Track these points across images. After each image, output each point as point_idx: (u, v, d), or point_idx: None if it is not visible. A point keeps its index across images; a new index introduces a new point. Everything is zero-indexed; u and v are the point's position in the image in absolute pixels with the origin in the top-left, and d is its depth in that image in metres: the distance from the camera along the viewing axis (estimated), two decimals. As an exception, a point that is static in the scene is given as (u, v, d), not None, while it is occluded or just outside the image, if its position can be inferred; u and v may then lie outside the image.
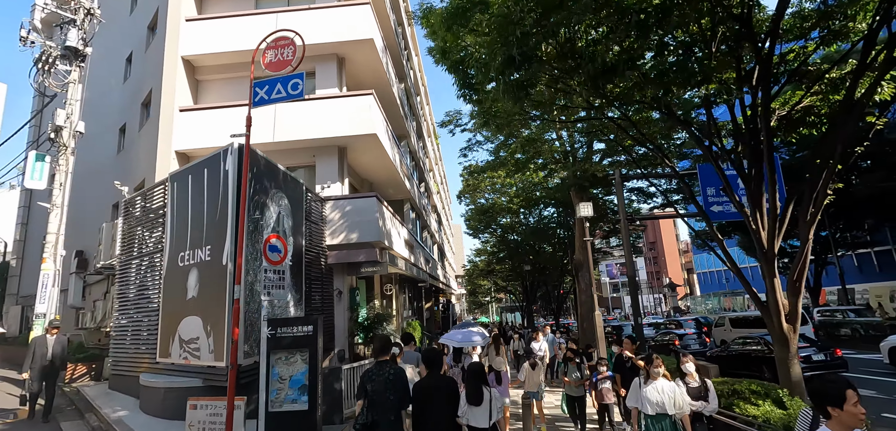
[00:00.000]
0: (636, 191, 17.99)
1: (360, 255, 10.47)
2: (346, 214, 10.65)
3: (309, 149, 11.45)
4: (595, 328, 10.65)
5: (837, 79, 7.09)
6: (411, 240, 16.02)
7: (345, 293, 10.69)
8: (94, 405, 7.68)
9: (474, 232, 32.30)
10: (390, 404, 3.71)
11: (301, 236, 8.89)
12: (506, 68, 5.64)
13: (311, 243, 9.87)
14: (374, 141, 11.50)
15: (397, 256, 12.90)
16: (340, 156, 11.68)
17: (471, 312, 74.93)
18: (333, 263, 10.49)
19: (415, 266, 16.55)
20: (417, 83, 25.33)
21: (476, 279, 49.19)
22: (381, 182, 15.24)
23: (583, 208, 11.07)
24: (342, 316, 10.54)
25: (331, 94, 11.54)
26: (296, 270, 8.48)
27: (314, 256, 9.94)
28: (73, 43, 12.71)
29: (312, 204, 10.11)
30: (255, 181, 7.15)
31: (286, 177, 8.52)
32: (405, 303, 17.86)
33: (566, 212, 21.97)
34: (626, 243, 13.84)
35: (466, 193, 31.60)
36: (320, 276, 10.09)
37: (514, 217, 28.72)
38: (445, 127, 18.75)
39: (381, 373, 3.86)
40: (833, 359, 11.29)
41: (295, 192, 8.84)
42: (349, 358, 10.35)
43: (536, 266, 28.34)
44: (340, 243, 10.54)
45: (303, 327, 5.49)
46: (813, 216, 6.19)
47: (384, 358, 4.02)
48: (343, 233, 10.55)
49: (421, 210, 21.08)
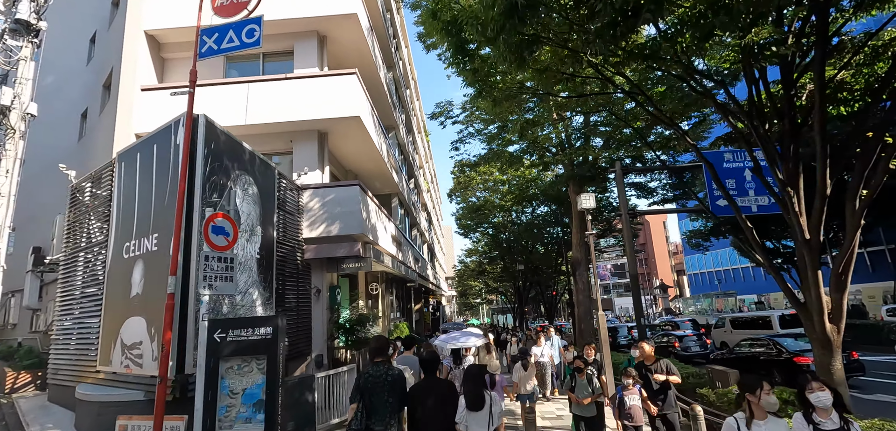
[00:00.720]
0: (635, 186, 17.22)
1: (340, 250, 9.46)
2: (326, 205, 9.64)
3: (285, 133, 10.42)
4: (598, 330, 9.77)
5: (880, 47, 6.31)
6: (399, 237, 15.04)
7: (324, 291, 9.67)
8: (24, 421, 6.55)
9: (465, 231, 31.39)
10: (388, 407, 3.53)
11: (272, 227, 7.86)
12: (507, 20, 4.71)
13: (286, 235, 8.85)
14: (358, 125, 10.51)
15: (383, 252, 11.91)
16: (321, 143, 10.66)
17: (461, 314, 74.01)
18: (311, 258, 9.47)
19: (403, 264, 15.56)
20: (407, 76, 24.38)
21: (466, 280, 48.28)
22: (367, 173, 14.24)
23: (584, 199, 10.21)
24: (321, 317, 9.51)
25: (310, 73, 10.51)
26: (265, 265, 7.45)
27: (289, 250, 8.91)
28: (25, 16, 11.52)
29: (287, 192, 9.08)
30: (212, 158, 6.12)
31: (255, 158, 7.49)
32: (393, 304, 16.86)
33: (561, 211, 21.16)
34: (628, 238, 13.01)
35: (458, 191, 30.69)
36: (296, 273, 9.06)
37: (507, 215, 27.89)
38: (436, 118, 17.83)
39: (379, 375, 3.63)
40: (849, 362, 10.57)
41: (266, 177, 7.81)
42: (328, 364, 9.33)
43: (529, 266, 27.50)
44: (319, 236, 9.52)
45: (260, 329, 4.49)
46: (865, 199, 5.36)
47: (381, 359, 3.80)
48: (322, 226, 9.54)
49: (410, 206, 20.10)
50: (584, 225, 15.82)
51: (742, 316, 17.69)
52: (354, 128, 10.71)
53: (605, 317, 9.88)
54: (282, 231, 8.73)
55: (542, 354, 9.64)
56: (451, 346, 9.00)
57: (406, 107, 22.07)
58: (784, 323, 15.20)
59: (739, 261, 44.84)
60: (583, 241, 15.45)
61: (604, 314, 9.91)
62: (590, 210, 10.34)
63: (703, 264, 51.71)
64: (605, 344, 9.46)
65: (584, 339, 13.95)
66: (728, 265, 47.12)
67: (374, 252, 10.59)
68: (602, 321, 9.79)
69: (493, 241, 30.99)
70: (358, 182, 9.72)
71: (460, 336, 9.20)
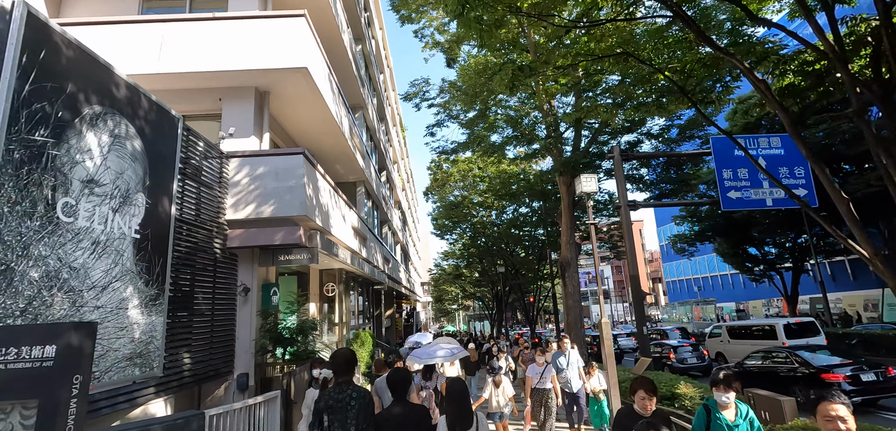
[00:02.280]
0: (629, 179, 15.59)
1: (276, 236, 7.29)
2: (259, 178, 7.45)
3: (213, 90, 8.18)
4: (602, 342, 7.90)
5: None
6: (363, 230, 12.90)
7: (254, 289, 7.46)
8: None
9: (442, 231, 29.39)
10: None
11: (170, 199, 5.64)
12: None
13: (200, 215, 6.63)
14: (307, 83, 8.39)
15: (338, 244, 9.76)
16: (259, 104, 8.47)
17: (437, 320, 71.79)
18: (238, 247, 7.26)
19: (367, 261, 13.41)
20: (381, 60, 22.29)
21: (442, 285, 46.22)
22: (327, 154, 12.07)
23: (584, 182, 8.39)
24: (248, 323, 7.29)
25: (244, 14, 8.32)
26: (152, 250, 5.24)
27: (204, 235, 6.69)
28: None
29: (206, 160, 6.87)
30: (40, 74, 3.91)
31: (139, 97, 5.28)
32: (355, 309, 14.63)
33: (547, 206, 19.41)
34: (627, 232, 11.27)
35: (434, 190, 28.68)
36: (213, 265, 6.83)
37: (487, 214, 26.05)
38: (410, 100, 15.89)
39: (342, 398, 3.14)
40: (886, 379, 9.07)
41: (160, 129, 5.61)
42: (255, 387, 7.11)
43: (509, 268, 25.68)
44: (250, 218, 7.32)
45: (34, 349, 2.34)
46: None
47: (346, 379, 3.25)
48: (253, 204, 7.34)
49: (380, 200, 17.96)
50: (574, 222, 14.09)
51: (741, 325, 16.27)
52: (304, 88, 8.58)
53: (608, 324, 8.02)
54: (194, 208, 6.52)
55: (541, 377, 6.59)
56: (421, 364, 7.00)
57: (378, 91, 19.98)
58: (790, 332, 13.79)
59: (718, 269, 44.45)
60: (573, 239, 13.69)
61: (606, 320, 8.04)
62: (589, 194, 8.50)
63: (681, 271, 51.30)
64: (610, 359, 7.59)
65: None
66: (707, 272, 46.70)
67: (324, 241, 8.44)
68: (606, 330, 7.93)
69: (472, 243, 29.09)
70: (302, 150, 7.57)
71: (427, 350, 7.18)
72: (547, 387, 6.67)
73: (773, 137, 11.75)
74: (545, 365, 6.73)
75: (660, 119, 13.97)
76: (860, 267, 30.21)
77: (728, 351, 16.08)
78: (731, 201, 11.47)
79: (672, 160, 14.70)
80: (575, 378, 7.05)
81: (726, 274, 43.64)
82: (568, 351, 7.21)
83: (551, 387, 6.70)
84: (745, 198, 11.39)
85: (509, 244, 26.66)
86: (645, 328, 10.64)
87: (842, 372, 9.21)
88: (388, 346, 19.10)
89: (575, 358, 7.22)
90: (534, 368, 6.79)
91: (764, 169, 7.55)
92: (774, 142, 11.70)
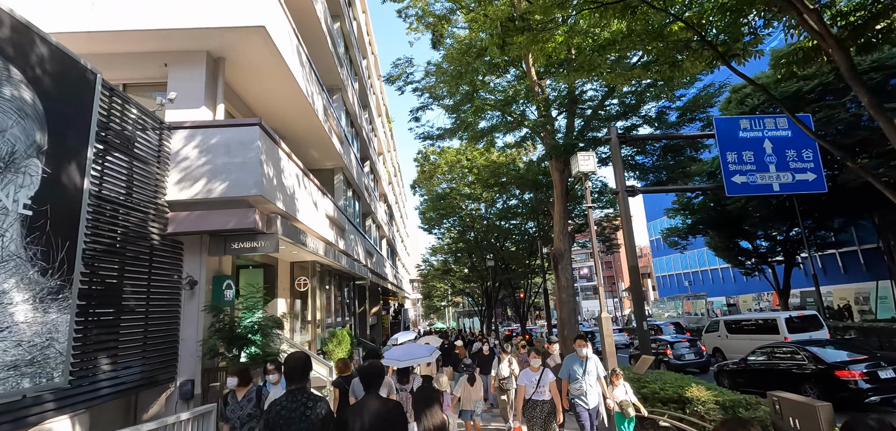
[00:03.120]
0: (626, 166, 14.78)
1: (227, 220, 6.27)
2: (206, 153, 6.41)
3: (157, 54, 7.10)
4: (602, 336, 7.05)
5: None
6: (341, 220, 11.88)
7: (203, 282, 6.42)
8: None
9: (430, 225, 28.42)
10: None
11: (81, 171, 4.59)
12: None
13: (133, 193, 5.58)
14: (267, 48, 7.35)
15: (306, 232, 8.75)
16: (212, 71, 7.41)
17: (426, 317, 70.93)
18: (181, 232, 6.22)
19: (345, 254, 12.40)
20: (364, 44, 21.21)
21: (431, 281, 45.27)
22: (298, 136, 11.02)
23: (582, 160, 7.51)
24: (194, 321, 6.26)
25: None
26: (52, 231, 4.20)
27: (139, 217, 5.65)
28: None
29: (139, 129, 5.81)
30: None
31: (32, 37, 4.23)
32: (332, 306, 13.60)
33: (538, 197, 18.57)
34: (625, 220, 10.45)
35: (422, 182, 27.69)
36: (149, 252, 5.79)
37: (476, 207, 25.15)
38: (393, 82, 14.83)
39: (294, 408, 2.72)
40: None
41: (65, 82, 4.55)
42: (202, 394, 6.09)
43: (499, 263, 24.83)
44: (196, 199, 6.28)
45: None
46: None
47: (299, 386, 2.83)
48: (201, 183, 6.30)
49: (361, 190, 16.93)
50: (567, 211, 13.24)
51: (740, 319, 15.59)
52: (266, 55, 7.54)
53: (609, 319, 7.15)
54: (124, 185, 5.47)
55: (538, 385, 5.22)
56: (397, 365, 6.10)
57: (360, 76, 18.91)
58: (792, 326, 13.11)
59: (708, 263, 44.24)
60: (566, 230, 12.84)
61: (607, 315, 7.17)
62: (586, 174, 7.61)
63: (671, 266, 51.07)
64: (611, 357, 6.73)
65: (568, 348, 11.29)
66: (697, 267, 46.47)
67: (288, 228, 7.42)
68: (606, 325, 7.07)
69: (460, 237, 28.17)
70: (258, 120, 6.54)
71: (405, 350, 6.29)
72: (545, 398, 5.24)
73: (780, 118, 11.01)
74: (542, 370, 5.28)
75: (657, 101, 13.19)
76: (851, 260, 30.01)
77: (726, 346, 15.40)
78: (736, 186, 10.72)
79: (670, 147, 13.94)
80: (593, 388, 5.43)
81: (716, 268, 43.42)
82: (585, 356, 5.51)
83: (551, 397, 5.22)
84: (751, 182, 10.64)
85: (499, 238, 25.80)
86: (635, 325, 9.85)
87: (857, 369, 8.49)
88: (372, 344, 18.12)
89: (594, 364, 5.56)
90: (527, 374, 5.35)
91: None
92: (781, 123, 10.97)
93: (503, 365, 7.40)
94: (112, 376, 5.00)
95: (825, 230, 26.14)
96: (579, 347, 5.54)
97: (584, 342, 5.57)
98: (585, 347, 5.52)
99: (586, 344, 5.56)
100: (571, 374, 5.48)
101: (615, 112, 12.88)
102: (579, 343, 5.58)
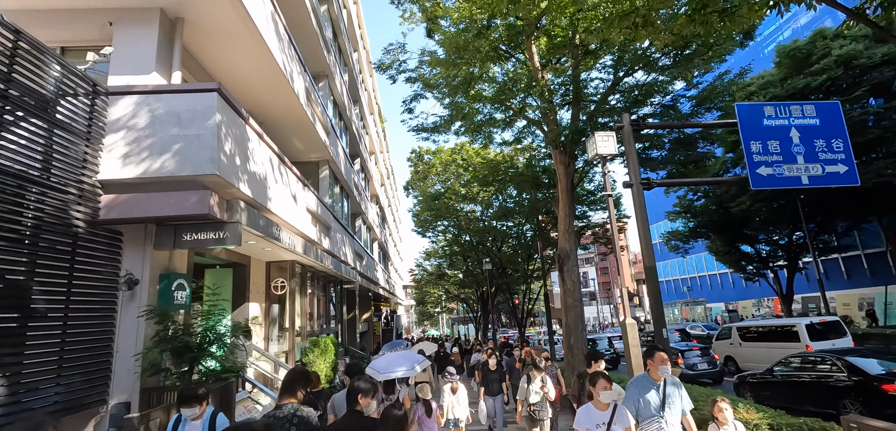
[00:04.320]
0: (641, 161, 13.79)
1: (177, 205, 5.13)
2: (153, 123, 5.27)
3: (100, 11, 5.95)
4: (626, 345, 5.96)
5: None
6: (325, 217, 10.75)
7: (145, 282, 5.26)
8: None
9: (423, 228, 27.29)
10: None
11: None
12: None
13: (51, 169, 4.44)
14: (233, 8, 6.26)
15: (285, 227, 7.61)
16: (167, 33, 6.29)
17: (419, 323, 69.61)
18: (118, 219, 5.07)
19: (331, 255, 11.25)
20: (354, 35, 20.17)
21: (425, 286, 44.07)
22: (277, 121, 9.91)
23: (600, 141, 6.47)
24: (133, 329, 5.10)
25: None
26: None
27: (58, 199, 4.50)
28: None
29: (61, 92, 4.68)
30: None
31: None
32: (316, 311, 12.40)
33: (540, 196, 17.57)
34: (639, 212, 9.42)
35: (415, 184, 26.59)
36: (72, 243, 4.64)
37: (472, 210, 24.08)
38: (385, 70, 13.78)
39: (284, 418, 2.82)
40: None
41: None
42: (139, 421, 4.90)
43: (497, 266, 23.76)
44: (139, 179, 5.14)
45: None
46: None
47: (290, 399, 2.96)
48: (143, 160, 5.16)
49: (350, 188, 15.80)
50: (574, 208, 12.23)
51: (755, 326, 14.63)
52: (233, 17, 6.45)
53: (635, 326, 6.10)
54: (40, 158, 4.33)
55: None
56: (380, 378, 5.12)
57: (350, 67, 17.84)
58: (814, 333, 12.17)
59: (707, 268, 43.55)
60: (572, 228, 11.81)
61: (632, 322, 6.11)
62: (605, 157, 6.57)
63: (670, 272, 50.32)
64: (638, 372, 5.64)
65: (576, 362, 10.22)
66: (695, 272, 45.75)
67: (256, 218, 6.28)
68: (632, 331, 6.01)
69: (455, 240, 27.06)
70: (216, 85, 5.42)
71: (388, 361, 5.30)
72: None
73: (807, 105, 10.10)
74: (614, 409, 3.43)
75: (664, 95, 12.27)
76: (855, 264, 29.36)
77: (739, 354, 14.45)
78: (761, 178, 9.74)
79: (681, 141, 13.00)
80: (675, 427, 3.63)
81: (715, 273, 42.73)
82: (663, 380, 3.71)
83: None
84: (777, 174, 9.68)
85: (496, 240, 24.74)
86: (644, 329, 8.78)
87: (904, 382, 7.51)
88: (362, 353, 16.90)
89: (677, 392, 3.75)
90: (589, 414, 3.46)
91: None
92: (809, 110, 10.06)
93: (534, 386, 5.58)
94: (10, 402, 3.83)
95: (828, 233, 25.44)
96: (657, 365, 3.72)
97: (660, 353, 3.77)
98: (665, 364, 3.69)
99: (665, 360, 3.72)
100: (642, 407, 3.65)
101: (622, 106, 11.95)
102: (659, 359, 3.73)
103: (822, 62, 16.84)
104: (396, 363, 5.55)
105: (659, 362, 3.69)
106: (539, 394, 5.60)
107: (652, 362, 3.77)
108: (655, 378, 3.73)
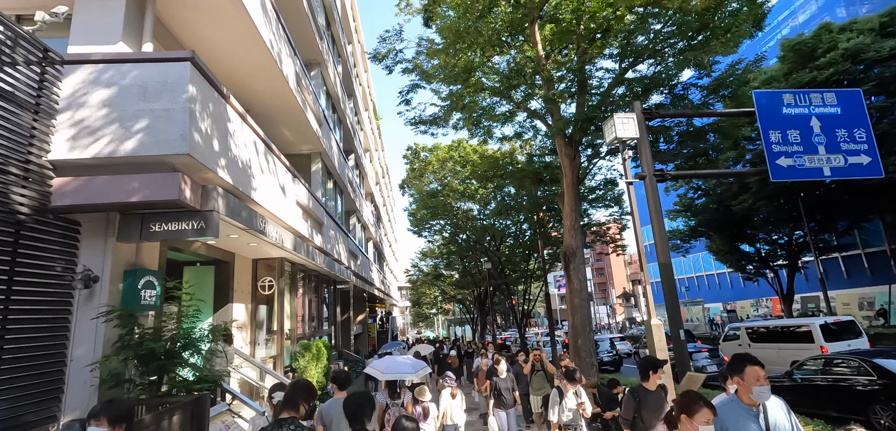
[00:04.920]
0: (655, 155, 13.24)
1: (141, 189, 4.44)
2: (116, 97, 4.58)
3: (61, -28, 5.26)
4: (651, 346, 5.38)
5: None
6: (317, 212, 10.07)
7: (106, 280, 4.57)
8: None
9: (419, 227, 26.63)
10: None
11: None
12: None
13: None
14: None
15: (271, 220, 6.93)
16: (137, 1, 5.60)
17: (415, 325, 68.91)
18: (71, 206, 4.37)
19: (323, 252, 10.57)
20: (348, 27, 19.50)
21: (421, 287, 43.38)
22: (266, 108, 9.22)
23: (619, 124, 5.87)
24: (91, 334, 4.40)
25: None
26: None
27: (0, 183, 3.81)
28: None
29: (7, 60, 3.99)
30: None
31: None
32: (308, 313, 11.70)
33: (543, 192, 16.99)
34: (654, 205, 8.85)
35: (411, 182, 25.94)
36: (13, 234, 3.94)
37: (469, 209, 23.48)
38: (380, 60, 13.14)
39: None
40: None
41: None
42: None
43: (496, 265, 23.16)
44: (96, 160, 4.45)
45: None
46: None
47: (291, 413, 2.77)
48: (103, 138, 4.47)
49: (344, 184, 15.12)
50: (580, 202, 11.65)
51: (765, 326, 14.13)
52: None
53: (661, 327, 5.50)
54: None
55: None
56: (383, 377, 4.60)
57: (344, 59, 17.16)
58: (828, 333, 11.68)
59: (705, 268, 43.27)
60: (578, 224, 11.22)
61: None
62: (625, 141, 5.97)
63: (666, 272, 49.93)
64: (667, 376, 5.04)
65: (583, 365, 9.62)
66: (693, 272, 45.43)
67: (236, 207, 5.60)
68: (657, 332, 5.41)
69: (452, 239, 26.43)
70: (190, 54, 4.74)
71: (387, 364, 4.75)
72: None
73: (828, 93, 9.60)
74: None
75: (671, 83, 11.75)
76: (855, 264, 29.09)
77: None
78: (781, 170, 9.20)
79: (690, 134, 12.46)
80: None
81: (713, 273, 42.45)
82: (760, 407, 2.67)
83: None
84: (798, 165, 9.14)
85: (494, 239, 24.15)
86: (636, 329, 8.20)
87: (948, 387, 6.99)
88: (357, 356, 16.21)
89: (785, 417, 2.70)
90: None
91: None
92: (829, 98, 9.55)
93: (568, 401, 4.67)
94: None
95: (828, 232, 25.12)
96: (750, 385, 2.65)
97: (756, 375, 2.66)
98: (762, 385, 2.61)
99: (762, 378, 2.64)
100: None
101: (630, 98, 11.41)
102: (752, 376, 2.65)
103: (828, 56, 16.39)
104: (402, 365, 5.16)
105: (752, 381, 2.61)
106: (572, 412, 4.74)
107: (741, 381, 2.67)
108: (749, 403, 2.68)
